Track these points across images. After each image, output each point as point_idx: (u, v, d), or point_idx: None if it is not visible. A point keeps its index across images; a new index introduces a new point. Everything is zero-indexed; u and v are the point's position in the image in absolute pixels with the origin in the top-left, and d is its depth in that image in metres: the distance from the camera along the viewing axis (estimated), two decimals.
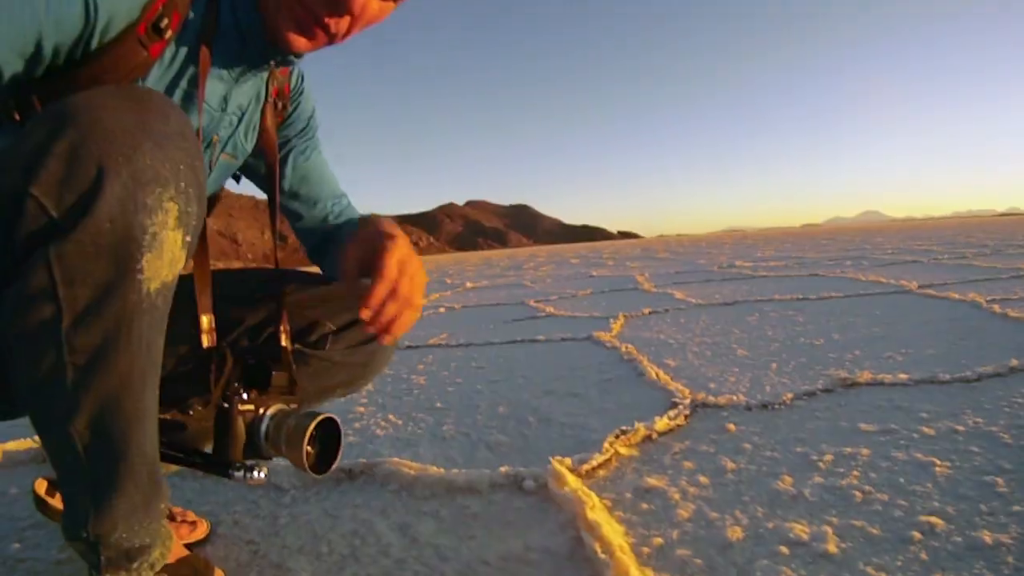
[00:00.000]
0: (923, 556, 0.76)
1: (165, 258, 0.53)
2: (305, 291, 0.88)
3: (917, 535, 0.81)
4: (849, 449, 1.13)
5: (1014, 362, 1.59)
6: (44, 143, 0.48)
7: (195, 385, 0.76)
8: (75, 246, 0.48)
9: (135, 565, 0.63)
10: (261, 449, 0.67)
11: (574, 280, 6.37)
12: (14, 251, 0.50)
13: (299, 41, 0.71)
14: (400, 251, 0.69)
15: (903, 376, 1.58)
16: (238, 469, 0.65)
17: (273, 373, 0.72)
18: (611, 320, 3.04)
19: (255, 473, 0.65)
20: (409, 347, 2.70)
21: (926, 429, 1.20)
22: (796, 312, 2.95)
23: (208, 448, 0.70)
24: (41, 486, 0.82)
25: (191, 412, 0.81)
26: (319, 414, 0.65)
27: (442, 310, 4.37)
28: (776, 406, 1.44)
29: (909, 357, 1.84)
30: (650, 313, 3.31)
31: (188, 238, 0.55)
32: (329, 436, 0.67)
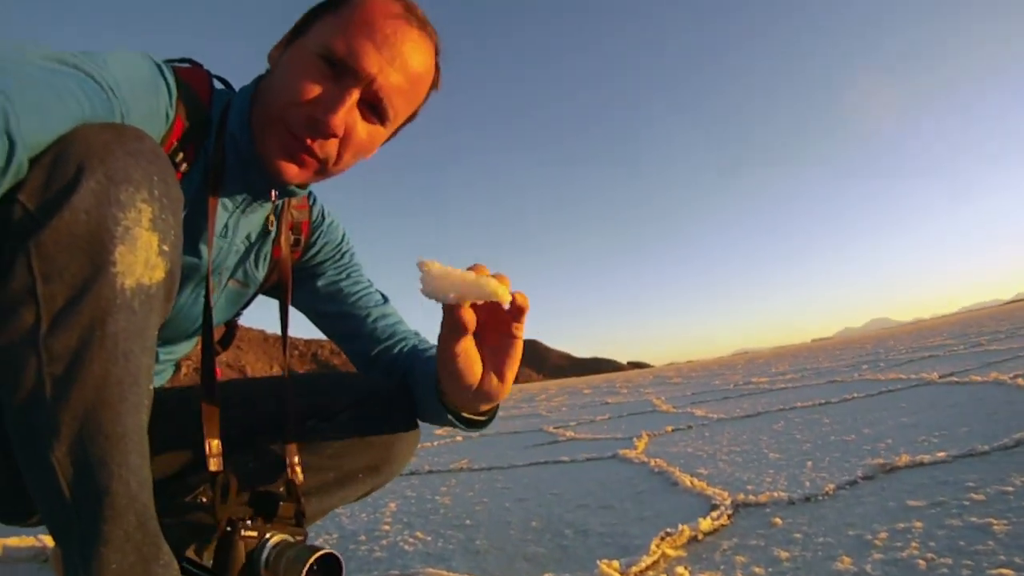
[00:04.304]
0: None
1: (139, 256, 0.54)
2: (317, 379, 0.92)
3: None
4: (902, 525, 1.09)
5: None
6: (34, 160, 0.52)
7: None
8: (51, 234, 0.50)
9: None
10: (259, 575, 0.69)
11: (590, 408, 6.25)
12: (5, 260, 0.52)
13: (290, 169, 0.75)
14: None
15: (941, 454, 1.54)
16: None
17: (280, 503, 0.74)
18: (635, 439, 2.98)
19: None
20: (430, 471, 2.63)
21: (975, 496, 1.16)
22: (821, 415, 2.90)
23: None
24: None
25: (203, 500, 0.80)
26: (320, 549, 0.69)
27: (459, 439, 4.27)
28: (819, 497, 1.40)
29: (944, 437, 1.80)
30: (673, 431, 3.23)
31: (166, 247, 0.56)
32: (329, 572, 0.70)
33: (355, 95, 0.73)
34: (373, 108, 0.76)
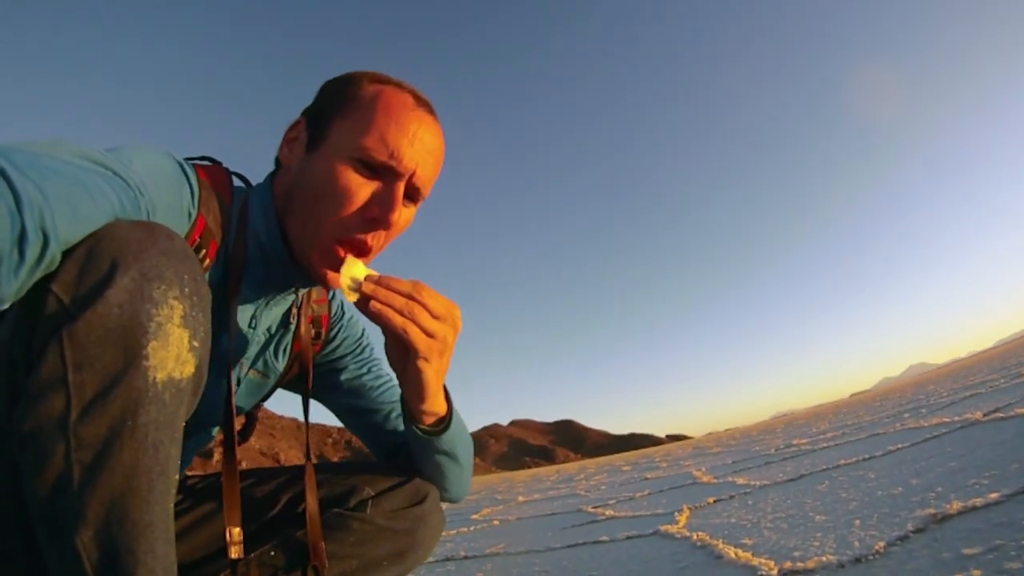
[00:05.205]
0: None
1: (171, 351, 0.54)
2: (339, 467, 0.92)
3: None
4: None
5: None
6: (67, 253, 0.53)
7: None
8: (85, 325, 0.51)
9: None
10: None
11: (629, 485, 5.96)
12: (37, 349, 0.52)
13: (336, 279, 0.78)
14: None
15: (994, 495, 1.46)
16: None
17: None
18: (676, 513, 2.83)
19: None
20: (465, 557, 2.51)
21: None
22: (866, 471, 2.76)
23: None
24: None
25: None
26: None
27: (496, 523, 4.08)
28: (870, 556, 1.31)
29: (995, 477, 1.70)
30: (715, 502, 3.07)
31: (196, 343, 0.57)
32: None
33: (402, 189, 0.79)
34: (410, 194, 0.82)
